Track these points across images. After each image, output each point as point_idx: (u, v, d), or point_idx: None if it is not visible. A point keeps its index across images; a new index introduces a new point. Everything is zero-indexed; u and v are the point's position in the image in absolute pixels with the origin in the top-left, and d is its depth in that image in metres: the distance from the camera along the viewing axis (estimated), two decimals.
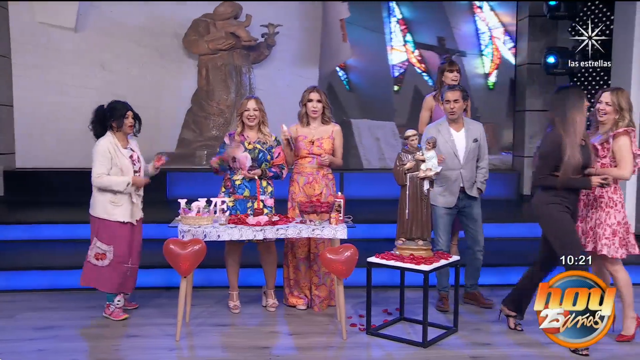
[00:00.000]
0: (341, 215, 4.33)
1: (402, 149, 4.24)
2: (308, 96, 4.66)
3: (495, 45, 8.42)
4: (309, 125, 4.69)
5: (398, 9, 8.41)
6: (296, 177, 4.71)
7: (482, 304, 4.80)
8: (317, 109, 4.64)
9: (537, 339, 4.18)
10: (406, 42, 8.44)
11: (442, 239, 4.65)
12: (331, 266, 4.13)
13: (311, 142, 4.63)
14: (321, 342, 4.13)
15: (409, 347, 4.04)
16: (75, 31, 7.99)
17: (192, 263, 4.05)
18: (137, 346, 4.02)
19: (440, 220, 4.65)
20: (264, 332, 4.30)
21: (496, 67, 8.45)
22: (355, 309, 4.73)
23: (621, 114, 4.00)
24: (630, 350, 4.01)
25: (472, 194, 4.64)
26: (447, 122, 4.61)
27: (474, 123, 4.71)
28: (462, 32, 8.40)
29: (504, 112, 8.40)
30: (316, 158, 4.64)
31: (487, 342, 4.15)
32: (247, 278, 5.14)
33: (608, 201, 4.05)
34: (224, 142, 4.67)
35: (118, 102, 4.43)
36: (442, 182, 4.58)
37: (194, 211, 4.23)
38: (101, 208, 4.36)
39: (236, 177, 4.60)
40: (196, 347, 4.03)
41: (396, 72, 8.46)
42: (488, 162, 4.76)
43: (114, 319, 4.47)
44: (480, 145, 4.65)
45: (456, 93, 4.51)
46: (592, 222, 4.10)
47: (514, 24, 8.36)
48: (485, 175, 4.71)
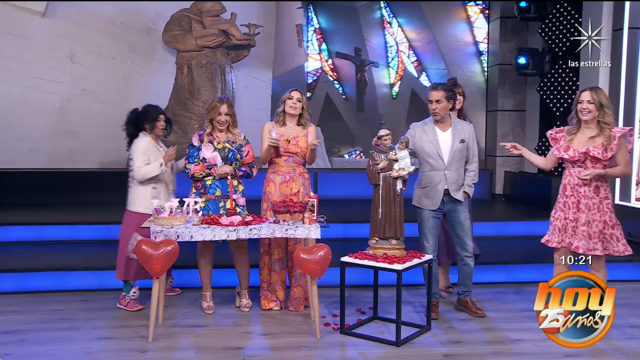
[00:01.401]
0: (314, 215, 4.32)
1: (375, 149, 4.25)
2: (289, 94, 4.64)
3: (401, 58, 8.85)
4: (285, 125, 4.66)
5: (316, 18, 8.62)
6: (272, 176, 4.68)
7: (473, 313, 4.64)
8: (296, 107, 4.61)
9: (509, 336, 4.24)
10: (321, 51, 8.69)
11: (429, 242, 4.52)
12: (305, 266, 4.13)
13: (287, 141, 4.61)
14: (295, 342, 4.12)
15: (383, 346, 4.05)
16: (44, 16, 7.69)
17: (164, 264, 4.02)
18: (108, 349, 3.97)
19: (425, 224, 4.53)
20: (238, 333, 4.28)
21: (400, 78, 8.82)
22: (329, 309, 4.73)
23: (602, 111, 4.10)
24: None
25: (457, 197, 4.48)
26: (433, 122, 4.52)
27: (463, 124, 4.56)
28: (373, 44, 8.75)
29: (404, 119, 8.58)
30: (292, 157, 4.62)
31: (460, 340, 4.18)
32: (220, 278, 5.12)
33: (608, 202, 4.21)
34: (192, 143, 4.62)
35: (151, 106, 4.73)
36: (426, 183, 4.51)
37: (167, 212, 4.19)
38: (142, 203, 4.57)
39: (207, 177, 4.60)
40: (169, 349, 3.99)
41: (310, 79, 8.68)
42: (478, 165, 4.61)
43: (129, 309, 4.65)
44: (468, 146, 4.52)
45: (439, 93, 4.39)
46: (601, 224, 4.17)
47: (419, 40, 8.68)
48: (473, 178, 4.55)
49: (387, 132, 4.22)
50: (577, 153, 4.13)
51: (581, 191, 4.17)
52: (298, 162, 4.66)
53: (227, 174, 4.55)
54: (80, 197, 7.46)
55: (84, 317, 4.55)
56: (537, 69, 7.40)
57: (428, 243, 4.53)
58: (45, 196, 7.38)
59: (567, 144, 4.19)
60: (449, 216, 4.57)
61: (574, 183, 4.19)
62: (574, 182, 4.19)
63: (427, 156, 4.46)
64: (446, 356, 3.90)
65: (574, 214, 4.19)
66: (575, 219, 4.19)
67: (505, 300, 4.89)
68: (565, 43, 7.12)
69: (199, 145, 4.58)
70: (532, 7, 7.30)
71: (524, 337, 4.21)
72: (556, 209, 4.29)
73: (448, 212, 4.55)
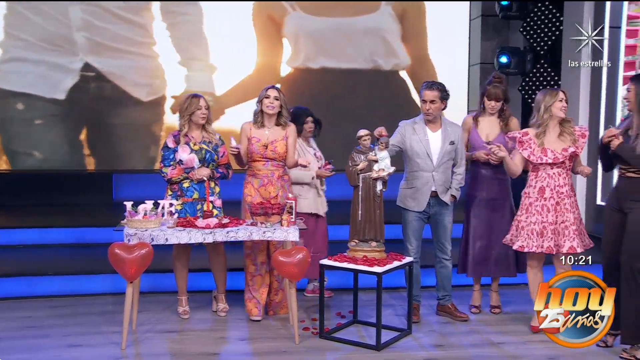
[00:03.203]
0: (293, 217, 4.24)
1: (355, 149, 4.18)
2: (265, 93, 4.48)
3: None
4: (263, 126, 4.52)
5: None
6: (250, 179, 4.56)
7: (457, 317, 4.57)
8: (274, 106, 4.46)
9: (491, 339, 4.22)
10: None
11: (412, 245, 4.47)
12: (283, 269, 4.07)
13: (265, 146, 4.47)
14: (273, 347, 4.05)
15: (363, 350, 4.00)
16: None
17: (138, 268, 3.92)
18: (79, 356, 3.87)
19: (409, 226, 4.47)
20: (214, 338, 4.20)
21: None
22: (308, 312, 4.67)
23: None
24: None
25: (444, 200, 4.43)
26: (423, 121, 4.43)
27: (452, 125, 4.50)
28: None
29: None
30: (270, 161, 4.50)
31: (441, 344, 4.14)
32: (197, 282, 5.03)
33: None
34: (166, 144, 4.49)
35: (299, 108, 4.87)
36: (413, 184, 4.44)
37: (141, 214, 4.09)
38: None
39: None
40: (143, 355, 3.91)
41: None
42: (465, 168, 4.55)
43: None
44: (457, 149, 4.45)
45: (433, 93, 4.32)
46: (578, 220, 4.21)
47: None
48: (461, 182, 4.50)
49: (367, 132, 4.16)
50: (556, 154, 4.11)
51: (563, 191, 4.15)
52: (277, 165, 4.54)
53: (206, 177, 4.45)
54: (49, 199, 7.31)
55: (54, 323, 4.44)
56: (519, 68, 7.41)
57: (411, 246, 4.48)
58: (9, 199, 7.24)
59: (540, 148, 4.14)
60: (433, 219, 4.51)
61: (555, 184, 4.16)
62: (554, 183, 4.16)
63: (415, 156, 4.39)
64: None
65: (554, 216, 4.15)
66: (555, 222, 4.15)
67: (488, 302, 4.84)
68: (547, 42, 7.13)
69: (174, 147, 4.45)
70: (513, 6, 7.30)
71: (506, 340, 4.19)
72: (530, 212, 4.21)
73: (433, 215, 4.49)
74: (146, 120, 7.59)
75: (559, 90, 4.19)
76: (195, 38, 7.65)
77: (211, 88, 7.63)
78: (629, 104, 3.89)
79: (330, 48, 7.90)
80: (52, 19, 7.22)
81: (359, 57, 7.95)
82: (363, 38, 7.94)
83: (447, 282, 4.59)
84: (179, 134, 4.48)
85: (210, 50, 7.66)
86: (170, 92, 7.64)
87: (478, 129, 4.64)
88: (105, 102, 7.41)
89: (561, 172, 4.16)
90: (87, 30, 7.30)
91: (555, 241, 4.15)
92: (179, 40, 7.62)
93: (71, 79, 7.32)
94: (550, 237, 4.15)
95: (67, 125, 7.41)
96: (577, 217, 4.20)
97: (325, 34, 7.88)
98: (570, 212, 4.16)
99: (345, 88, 7.93)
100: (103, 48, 7.36)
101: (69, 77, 7.31)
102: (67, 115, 7.37)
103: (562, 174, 4.17)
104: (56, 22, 7.24)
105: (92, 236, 4.74)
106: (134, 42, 7.47)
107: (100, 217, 5.99)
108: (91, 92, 7.38)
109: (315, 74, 7.90)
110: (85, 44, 7.32)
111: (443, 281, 4.59)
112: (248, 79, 7.73)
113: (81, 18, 7.28)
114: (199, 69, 7.67)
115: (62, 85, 7.33)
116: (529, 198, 4.22)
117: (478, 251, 4.64)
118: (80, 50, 7.31)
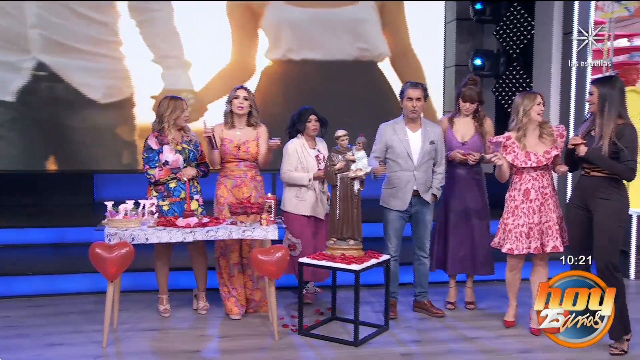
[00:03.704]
0: (272, 216, 4.30)
1: (333, 149, 4.26)
2: (235, 93, 4.52)
3: None
4: (233, 127, 4.55)
5: None
6: (223, 180, 4.60)
7: (433, 313, 4.67)
8: (243, 106, 4.50)
9: (465, 334, 4.32)
10: None
11: (392, 244, 4.54)
12: (262, 267, 4.12)
13: (237, 147, 4.51)
14: (253, 344, 4.11)
15: (341, 347, 4.07)
16: None
17: (119, 267, 3.95)
18: (60, 355, 3.88)
19: (390, 225, 4.54)
20: (195, 336, 4.24)
21: None
22: (287, 310, 4.74)
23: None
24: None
25: (425, 199, 4.51)
26: (403, 122, 4.51)
27: (432, 125, 4.57)
28: None
29: None
30: (243, 162, 4.56)
31: (417, 339, 4.23)
32: (177, 281, 5.07)
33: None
34: (149, 146, 4.48)
35: (304, 108, 4.82)
36: (395, 184, 4.51)
37: (121, 214, 4.12)
38: (289, 203, 4.73)
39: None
40: (124, 354, 3.94)
41: None
42: (445, 167, 4.63)
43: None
44: (437, 148, 4.53)
45: (418, 91, 4.41)
46: (559, 219, 4.29)
47: None
48: (441, 181, 4.58)
49: (344, 132, 4.23)
50: (539, 157, 4.18)
51: (547, 192, 4.23)
52: (250, 166, 4.59)
53: (193, 176, 4.50)
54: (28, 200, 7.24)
55: (34, 323, 4.44)
56: (493, 70, 7.53)
57: (391, 244, 4.56)
58: None
59: (523, 152, 4.21)
60: (415, 217, 4.59)
61: (539, 186, 4.23)
62: (538, 185, 4.23)
63: (396, 156, 4.47)
64: (404, 355, 3.94)
65: (539, 217, 4.23)
66: (540, 222, 4.24)
67: (463, 299, 4.95)
68: (519, 45, 7.29)
69: (158, 149, 4.45)
70: (487, 10, 7.44)
71: (480, 335, 4.29)
72: (517, 215, 4.27)
73: (414, 214, 4.57)
74: (109, 122, 7.28)
75: (537, 94, 4.25)
76: (168, 34, 7.39)
77: (189, 85, 7.46)
78: (592, 106, 3.99)
79: (311, 39, 7.80)
80: (4, 14, 6.85)
81: (340, 48, 7.86)
82: (344, 29, 7.87)
83: (424, 279, 4.69)
84: (160, 135, 4.48)
85: (183, 46, 7.44)
86: (147, 92, 7.41)
87: (453, 129, 4.74)
88: (61, 103, 7.09)
89: (544, 173, 4.24)
90: (43, 27, 6.94)
91: (540, 241, 4.24)
92: (150, 38, 7.36)
93: (21, 79, 6.98)
94: (536, 238, 4.23)
95: (21, 127, 7.10)
96: (559, 216, 4.29)
97: (305, 25, 7.76)
98: (553, 212, 4.24)
99: (326, 80, 7.83)
100: (60, 46, 7.01)
101: (19, 77, 6.97)
102: (20, 117, 7.05)
103: (545, 175, 4.25)
104: (8, 17, 6.83)
105: (73, 236, 4.75)
106: (97, 41, 7.16)
107: (81, 217, 5.98)
108: (43, 93, 7.03)
109: (295, 66, 7.80)
110: (39, 41, 6.94)
111: (421, 278, 4.69)
112: (227, 72, 7.57)
113: (36, 14, 6.90)
114: (174, 66, 7.47)
115: (12, 85, 6.99)
116: (515, 201, 4.28)
117: (457, 249, 4.75)
118: (33, 48, 6.94)
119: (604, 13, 5.80)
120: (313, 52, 7.82)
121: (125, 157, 7.33)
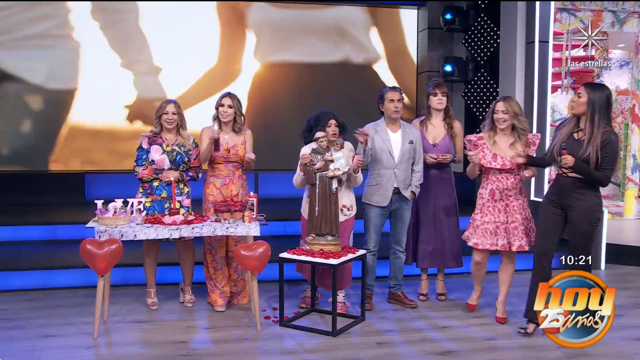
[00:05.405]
0: (254, 214, 4.49)
1: (312, 150, 4.47)
2: (220, 101, 4.71)
3: None
4: (221, 131, 4.74)
5: None
6: (212, 179, 4.79)
7: (406, 304, 4.90)
8: (228, 114, 4.69)
9: (437, 323, 4.54)
10: None
11: (371, 239, 4.75)
12: (245, 262, 4.29)
13: (227, 151, 4.70)
14: (236, 334, 4.27)
15: (320, 337, 4.24)
16: None
17: (109, 262, 4.11)
18: (53, 346, 4.02)
19: (371, 222, 4.75)
20: (182, 327, 4.39)
21: None
22: (269, 302, 4.90)
23: (517, 118, 4.43)
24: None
25: (405, 195, 4.73)
26: (384, 123, 4.73)
27: (410, 127, 4.80)
28: None
29: None
30: (232, 163, 4.76)
31: (392, 329, 4.42)
32: (165, 275, 5.24)
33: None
34: (141, 146, 4.69)
35: (324, 112, 4.61)
36: (377, 181, 4.73)
37: (111, 212, 4.29)
38: (304, 208, 4.67)
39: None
40: (114, 344, 4.08)
41: None
42: (423, 166, 4.83)
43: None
44: (415, 148, 4.74)
45: (397, 93, 4.67)
46: (526, 221, 4.48)
47: None
48: (420, 179, 4.79)
49: (324, 134, 4.44)
50: (506, 161, 4.36)
51: (511, 194, 4.42)
52: (237, 166, 4.81)
53: (173, 179, 4.64)
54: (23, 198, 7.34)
55: (28, 316, 4.57)
56: (462, 76, 7.85)
57: (370, 240, 4.78)
58: None
59: (492, 153, 4.40)
60: (394, 214, 4.80)
61: (503, 187, 4.42)
62: (502, 186, 4.43)
63: (379, 155, 4.70)
64: (379, 344, 4.13)
65: (505, 216, 4.43)
66: (506, 221, 4.44)
67: (434, 290, 5.17)
68: (486, 53, 7.63)
69: (147, 148, 4.66)
70: (456, 20, 7.76)
71: (451, 324, 4.51)
72: (484, 212, 4.48)
73: (394, 211, 4.79)
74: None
75: (497, 102, 4.44)
76: (134, 38, 7.34)
77: (161, 93, 7.48)
78: (575, 108, 4.07)
79: (297, 40, 7.96)
80: None
81: (328, 50, 8.06)
82: (331, 30, 8.09)
83: (399, 272, 4.93)
84: (155, 135, 4.69)
85: (152, 51, 7.46)
86: (122, 100, 7.51)
87: (425, 132, 4.97)
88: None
89: (509, 176, 4.42)
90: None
91: (507, 239, 4.45)
92: (117, 42, 7.33)
93: None
94: (503, 236, 4.44)
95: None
96: (526, 218, 4.46)
97: (290, 26, 7.89)
98: (518, 214, 4.42)
99: (314, 81, 8.02)
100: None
101: None
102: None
103: (510, 178, 4.42)
104: None
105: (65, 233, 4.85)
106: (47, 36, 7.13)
107: (73, 215, 6.05)
108: None
109: (281, 68, 7.97)
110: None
111: (396, 271, 4.92)
112: (210, 75, 7.69)
113: None
114: (144, 72, 7.51)
115: None
116: (482, 199, 4.51)
117: (426, 244, 4.98)
118: None
119: (562, 25, 6.19)
120: (294, 54, 7.98)
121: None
